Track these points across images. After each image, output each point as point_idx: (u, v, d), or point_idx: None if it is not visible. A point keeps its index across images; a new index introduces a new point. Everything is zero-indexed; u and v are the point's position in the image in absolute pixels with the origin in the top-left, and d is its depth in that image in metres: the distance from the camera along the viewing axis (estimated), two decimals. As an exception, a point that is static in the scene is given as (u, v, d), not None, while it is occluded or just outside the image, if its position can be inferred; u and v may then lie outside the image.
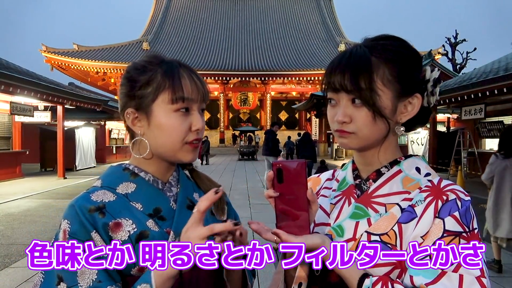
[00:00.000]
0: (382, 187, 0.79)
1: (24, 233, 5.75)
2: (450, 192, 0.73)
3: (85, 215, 0.78)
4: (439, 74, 0.81)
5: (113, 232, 0.79)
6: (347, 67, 0.75)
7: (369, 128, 0.76)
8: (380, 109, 0.75)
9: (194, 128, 0.84)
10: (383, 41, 0.79)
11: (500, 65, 10.60)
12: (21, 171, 13.36)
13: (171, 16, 45.74)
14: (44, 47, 32.73)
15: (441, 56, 30.23)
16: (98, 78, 35.34)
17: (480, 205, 8.19)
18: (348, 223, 0.79)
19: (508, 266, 4.33)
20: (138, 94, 0.85)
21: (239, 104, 36.44)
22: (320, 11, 46.60)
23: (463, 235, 0.69)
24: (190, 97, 0.84)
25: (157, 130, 0.84)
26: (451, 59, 31.56)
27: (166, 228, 0.83)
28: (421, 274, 0.67)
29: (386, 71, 0.75)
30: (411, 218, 0.73)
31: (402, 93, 0.77)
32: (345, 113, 0.77)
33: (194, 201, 0.91)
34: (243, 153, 23.37)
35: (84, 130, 17.05)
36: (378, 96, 0.74)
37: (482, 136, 13.81)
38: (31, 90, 10.37)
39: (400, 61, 0.77)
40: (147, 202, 0.85)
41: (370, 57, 0.75)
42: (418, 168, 0.81)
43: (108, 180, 0.87)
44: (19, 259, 4.55)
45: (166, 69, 0.85)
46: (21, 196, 9.11)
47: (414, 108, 0.79)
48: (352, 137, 0.78)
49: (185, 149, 0.85)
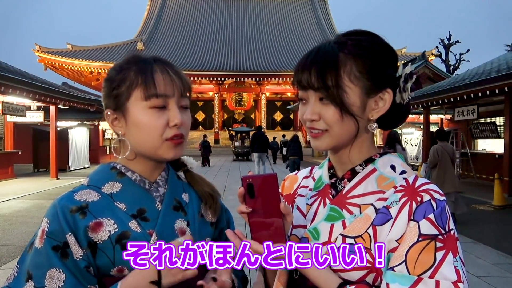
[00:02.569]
0: (357, 187, 0.78)
1: (15, 234, 5.69)
2: (424, 192, 0.71)
3: (65, 216, 0.78)
4: (412, 69, 0.78)
5: (93, 232, 0.78)
6: (313, 64, 0.74)
7: (338, 125, 0.74)
8: (348, 106, 0.73)
9: (172, 123, 0.82)
10: (354, 36, 0.77)
11: (493, 66, 10.69)
12: (13, 172, 13.22)
13: (166, 16, 45.60)
14: (37, 46, 32.47)
15: (434, 57, 30.42)
16: (92, 78, 35.12)
17: (472, 205, 8.25)
18: (323, 225, 0.77)
19: (500, 267, 4.36)
20: (114, 94, 0.84)
21: (234, 104, 36.41)
22: (315, 12, 46.73)
23: (439, 238, 0.67)
24: (164, 93, 0.82)
25: (134, 128, 0.83)
26: (444, 60, 31.81)
27: (149, 229, 0.82)
28: (397, 281, 0.65)
29: (354, 67, 0.73)
30: (386, 220, 0.71)
31: (372, 89, 0.75)
32: (313, 111, 0.75)
33: (182, 202, 0.90)
34: (238, 153, 23.35)
35: (77, 131, 16.92)
36: (345, 93, 0.73)
37: (475, 137, 13.92)
38: (23, 90, 10.27)
39: (369, 56, 0.75)
40: (132, 203, 0.84)
41: (338, 53, 0.74)
42: (393, 166, 0.79)
43: (95, 179, 0.87)
44: (9, 260, 4.50)
45: (139, 67, 0.84)
46: (13, 197, 9.01)
47: (385, 104, 0.76)
48: (324, 137, 0.76)
49: (165, 146, 0.83)
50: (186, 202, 0.91)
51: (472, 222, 6.59)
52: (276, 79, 34.43)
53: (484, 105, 12.35)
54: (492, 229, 6.32)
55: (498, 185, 8.26)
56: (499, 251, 4.91)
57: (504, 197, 8.30)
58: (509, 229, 6.41)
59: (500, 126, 11.97)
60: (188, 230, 0.87)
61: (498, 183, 8.27)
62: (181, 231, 0.86)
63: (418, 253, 0.66)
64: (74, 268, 0.76)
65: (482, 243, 5.21)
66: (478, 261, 4.49)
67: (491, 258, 4.60)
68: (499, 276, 4.06)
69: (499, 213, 7.68)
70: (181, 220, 0.87)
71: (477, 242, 5.28)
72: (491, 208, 8.03)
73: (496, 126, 12.24)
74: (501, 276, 4.05)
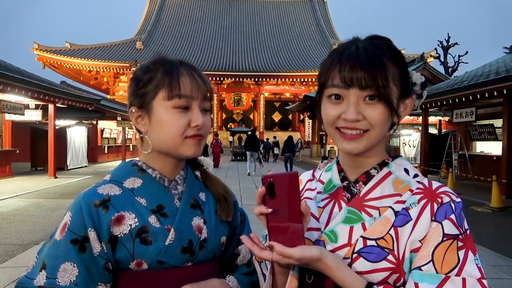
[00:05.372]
0: (373, 189, 0.78)
1: (12, 233, 5.67)
2: (444, 194, 0.73)
3: (89, 210, 0.80)
4: (424, 79, 0.82)
5: (114, 226, 0.81)
6: (365, 63, 0.72)
7: (381, 126, 0.75)
8: (395, 107, 0.75)
9: (193, 124, 0.86)
10: (384, 41, 0.78)
11: (491, 68, 10.72)
12: (11, 170, 13.18)
13: (165, 15, 45.56)
14: (36, 45, 32.40)
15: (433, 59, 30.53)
16: (91, 77, 35.08)
17: (470, 207, 8.27)
18: (341, 228, 0.76)
19: (498, 268, 4.37)
20: (140, 93, 0.88)
21: (233, 104, 36.41)
22: (314, 13, 46.79)
23: (459, 238, 0.70)
24: (188, 94, 0.85)
25: (158, 126, 0.86)
26: (443, 62, 31.92)
27: (167, 225, 0.85)
28: (425, 280, 0.66)
29: (395, 71, 0.75)
30: (406, 221, 0.72)
31: (403, 93, 0.77)
32: (358, 110, 0.74)
33: (199, 201, 0.93)
34: (236, 153, 23.35)
35: (76, 129, 16.89)
36: (391, 94, 0.74)
37: (473, 139, 13.96)
38: (22, 88, 10.24)
39: (402, 61, 0.77)
40: (151, 198, 0.87)
41: (382, 55, 0.74)
42: (407, 169, 0.80)
43: (117, 174, 0.90)
44: (7, 259, 4.48)
45: (166, 68, 0.87)
46: (10, 195, 8.98)
47: (407, 109, 0.79)
48: (364, 138, 0.75)
49: (186, 143, 0.86)
50: (203, 201, 0.93)
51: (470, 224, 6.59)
52: (275, 80, 34.46)
53: (483, 107, 12.38)
54: (490, 231, 6.34)
55: (496, 187, 8.28)
56: (497, 253, 4.93)
57: (502, 199, 8.33)
58: (507, 231, 6.43)
59: (498, 128, 12.01)
60: (204, 227, 0.89)
61: (496, 185, 8.30)
62: (198, 228, 0.88)
63: (444, 252, 0.68)
64: (90, 263, 0.78)
65: (480, 245, 5.22)
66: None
67: (489, 260, 4.61)
68: (497, 278, 4.07)
69: (497, 215, 7.71)
70: (198, 217, 0.90)
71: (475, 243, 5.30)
72: (489, 210, 8.05)
73: (494, 128, 12.28)
74: (499, 278, 4.06)
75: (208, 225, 0.90)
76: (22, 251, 4.78)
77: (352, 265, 0.72)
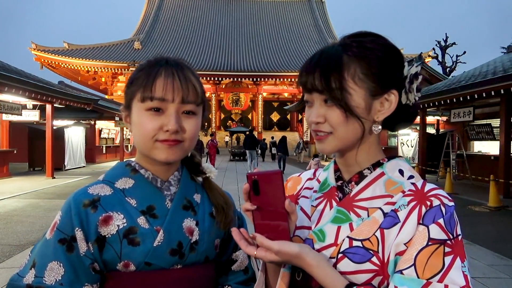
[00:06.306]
0: (364, 190, 0.77)
1: (10, 233, 5.65)
2: (434, 197, 0.71)
3: (78, 210, 0.80)
4: (418, 70, 0.78)
5: (102, 226, 0.81)
6: (317, 67, 0.74)
7: (343, 128, 0.74)
8: (352, 108, 0.73)
9: (165, 128, 0.82)
10: (359, 38, 0.77)
11: (489, 68, 10.75)
12: (8, 171, 13.14)
13: (163, 15, 45.51)
14: (33, 45, 32.32)
15: (431, 59, 30.61)
16: (89, 77, 35.00)
17: (468, 206, 8.29)
18: (329, 227, 0.76)
19: (495, 268, 4.38)
20: (127, 93, 0.89)
21: (231, 104, 36.41)
22: (312, 13, 46.83)
23: (447, 243, 0.67)
24: (161, 96, 0.82)
25: (134, 127, 0.87)
26: (441, 62, 32.00)
27: (157, 226, 0.84)
28: (405, 284, 0.65)
29: (358, 69, 0.73)
30: (394, 223, 0.71)
31: (377, 90, 0.75)
32: (319, 114, 0.75)
33: (193, 202, 0.91)
34: (234, 153, 23.34)
35: (73, 130, 16.85)
36: (349, 95, 0.73)
37: (471, 139, 13.99)
38: (19, 88, 10.21)
39: (374, 57, 0.74)
40: (142, 199, 0.86)
41: (342, 55, 0.74)
42: (401, 170, 0.79)
43: (110, 174, 0.90)
44: (4, 259, 4.47)
45: (148, 69, 0.85)
46: (8, 196, 8.95)
47: (391, 105, 0.76)
48: (329, 140, 0.76)
49: (157, 147, 0.84)
50: (197, 203, 0.92)
51: (467, 223, 6.62)
52: (273, 80, 34.47)
53: (480, 107, 12.40)
54: (487, 230, 6.35)
55: (494, 186, 8.30)
56: (494, 252, 4.94)
57: (499, 199, 8.35)
58: (504, 230, 6.44)
59: (496, 128, 12.04)
60: (196, 229, 0.88)
61: (494, 184, 8.32)
62: (189, 230, 0.87)
63: (427, 257, 0.66)
64: (77, 263, 0.78)
65: (477, 244, 5.24)
66: (474, 262, 4.51)
67: (486, 259, 4.63)
68: (494, 277, 4.08)
69: (494, 214, 7.72)
70: (190, 219, 0.88)
71: (472, 243, 5.31)
72: (486, 209, 8.07)
73: (492, 128, 12.31)
74: (496, 277, 4.07)
75: (201, 227, 0.89)
76: (19, 251, 4.76)
77: (337, 265, 0.72)
